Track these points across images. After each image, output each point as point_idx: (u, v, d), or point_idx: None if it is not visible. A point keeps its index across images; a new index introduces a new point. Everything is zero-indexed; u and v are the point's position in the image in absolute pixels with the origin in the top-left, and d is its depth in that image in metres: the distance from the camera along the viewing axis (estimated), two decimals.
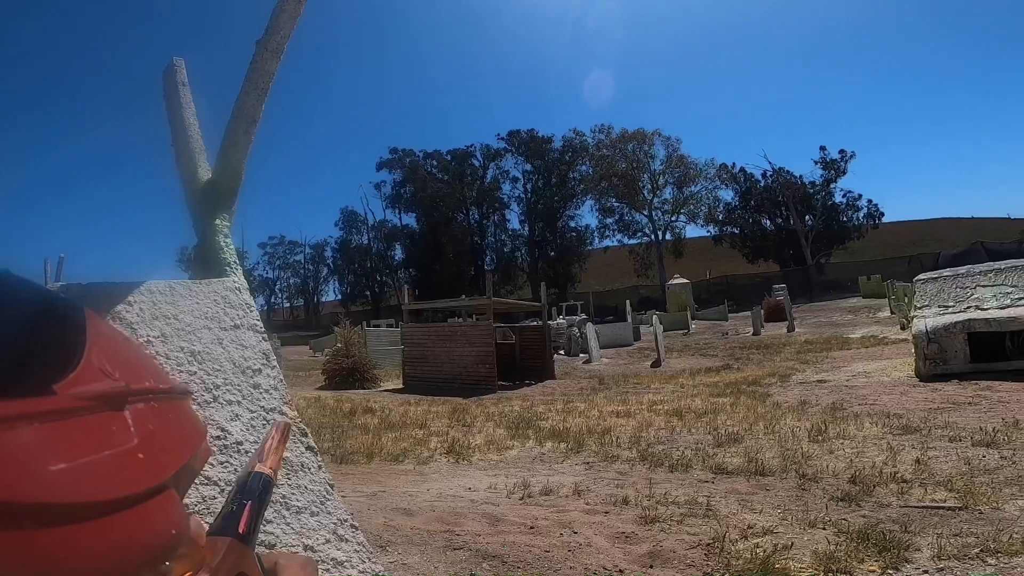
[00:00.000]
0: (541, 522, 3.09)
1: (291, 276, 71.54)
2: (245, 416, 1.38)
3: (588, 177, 54.19)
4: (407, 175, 59.65)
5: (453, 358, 13.11)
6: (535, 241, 57.82)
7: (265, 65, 1.66)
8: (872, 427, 5.25)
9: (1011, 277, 8.31)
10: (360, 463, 5.19)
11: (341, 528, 1.38)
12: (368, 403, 9.68)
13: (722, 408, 7.09)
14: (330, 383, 13.87)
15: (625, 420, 6.80)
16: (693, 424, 6.21)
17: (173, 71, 2.01)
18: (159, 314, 1.41)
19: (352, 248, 64.27)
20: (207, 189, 1.82)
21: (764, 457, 4.43)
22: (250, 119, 1.72)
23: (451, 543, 2.79)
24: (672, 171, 51.79)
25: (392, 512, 3.36)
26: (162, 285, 1.46)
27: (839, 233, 47.23)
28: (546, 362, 14.64)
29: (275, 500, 1.31)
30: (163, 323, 1.40)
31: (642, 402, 8.28)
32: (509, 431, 6.50)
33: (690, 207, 52.27)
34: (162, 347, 1.35)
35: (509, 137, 57.98)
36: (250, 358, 1.49)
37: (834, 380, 8.91)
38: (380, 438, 6.30)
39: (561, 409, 8.06)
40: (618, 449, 5.21)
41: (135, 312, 1.38)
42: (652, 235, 52.57)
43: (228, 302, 1.56)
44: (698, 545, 2.66)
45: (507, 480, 4.24)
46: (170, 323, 1.41)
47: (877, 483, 3.53)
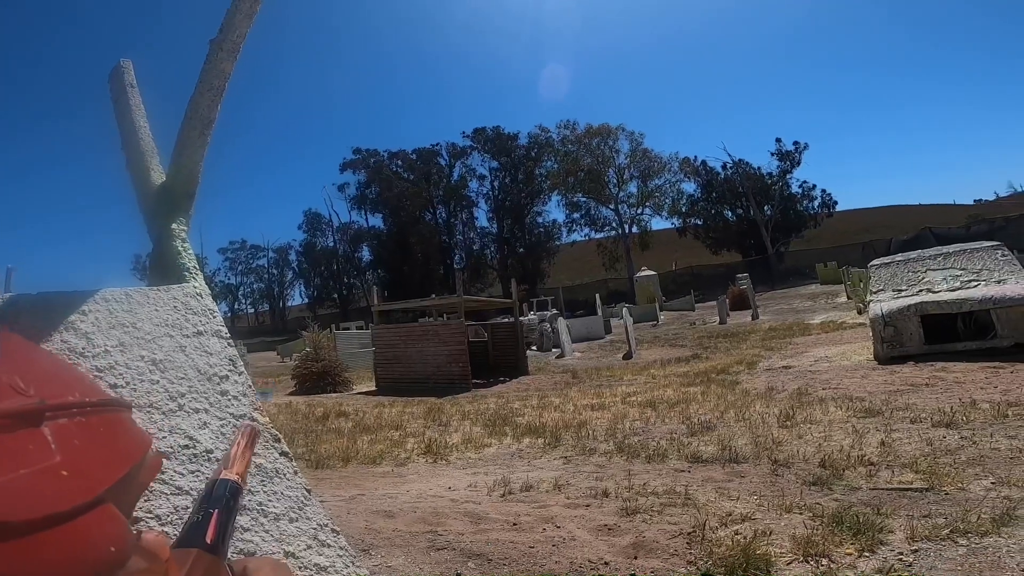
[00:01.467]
0: (523, 518, 3.08)
1: (255, 281, 69.80)
2: (214, 424, 1.34)
3: (554, 173, 54.47)
4: (372, 175, 58.84)
5: (426, 358, 13.00)
6: (504, 238, 57.84)
7: (220, 65, 1.59)
8: (837, 411, 5.41)
9: (959, 260, 8.72)
10: (336, 467, 5.09)
11: (322, 533, 1.35)
12: (341, 407, 9.51)
13: (693, 397, 7.21)
14: (300, 388, 13.59)
15: (600, 413, 6.85)
16: (666, 414, 6.30)
17: (120, 73, 1.93)
18: (116, 323, 1.36)
19: (317, 251, 63.12)
20: (161, 193, 1.75)
21: (737, 444, 4.52)
22: (205, 120, 1.64)
23: (435, 543, 2.76)
24: (636, 165, 52.53)
25: (373, 515, 3.30)
26: (118, 293, 1.41)
27: (796, 222, 48.84)
28: (519, 358, 14.66)
29: (251, 508, 1.28)
30: (121, 332, 1.35)
31: (616, 394, 8.37)
32: (486, 429, 6.47)
33: (655, 200, 53.12)
34: (121, 357, 1.30)
35: (475, 135, 57.82)
36: (216, 364, 1.44)
37: (798, 366, 9.18)
38: (355, 441, 6.19)
39: (536, 405, 8.07)
40: (595, 442, 5.24)
41: (90, 321, 1.32)
42: (619, 228, 53.25)
43: (189, 308, 1.50)
44: (679, 534, 2.69)
45: (487, 478, 4.21)
46: (128, 332, 1.36)
47: (846, 466, 3.64)
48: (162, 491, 1.17)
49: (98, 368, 1.24)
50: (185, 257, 1.68)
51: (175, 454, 1.23)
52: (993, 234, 26.77)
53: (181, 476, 1.20)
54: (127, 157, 1.91)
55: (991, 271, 8.26)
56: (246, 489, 0.98)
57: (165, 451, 1.28)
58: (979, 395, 5.25)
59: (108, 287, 1.50)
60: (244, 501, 1.31)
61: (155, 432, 1.24)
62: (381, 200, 58.04)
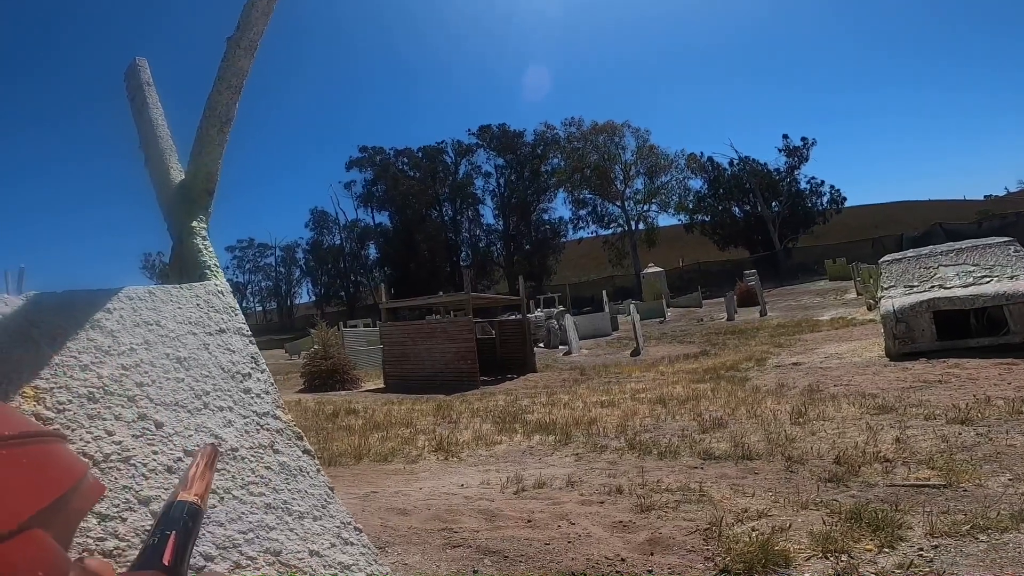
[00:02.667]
0: (538, 515, 3.08)
1: (262, 279, 70.18)
2: (238, 422, 1.35)
3: (560, 170, 54.38)
4: (378, 173, 58.94)
5: (434, 355, 13.02)
6: (510, 235, 57.82)
7: (238, 63, 1.61)
8: (849, 407, 5.37)
9: (972, 256, 8.63)
10: (348, 465, 5.10)
11: (345, 531, 1.36)
12: (350, 404, 9.54)
13: (703, 394, 7.19)
14: (309, 386, 13.64)
15: (610, 410, 6.84)
16: (677, 411, 6.28)
17: (136, 71, 1.94)
18: (141, 321, 1.35)
19: (324, 249, 63.33)
20: (181, 191, 1.76)
21: (749, 441, 4.49)
22: (224, 118, 1.66)
23: (450, 541, 2.76)
24: (643, 162, 52.33)
25: (387, 512, 3.30)
26: (142, 291, 1.41)
27: (804, 218, 48.51)
28: (527, 355, 14.65)
29: (276, 506, 1.29)
30: (145, 330, 1.34)
31: (625, 391, 8.35)
32: (496, 426, 6.48)
33: (661, 197, 52.94)
34: (146, 354, 1.30)
35: (480, 132, 57.79)
36: (238, 362, 1.45)
37: (808, 362, 9.12)
38: (366, 439, 6.20)
39: (546, 402, 8.07)
40: (606, 439, 5.23)
41: (115, 319, 1.32)
42: (625, 225, 53.10)
43: (212, 306, 1.51)
44: (696, 531, 2.68)
45: (499, 475, 4.21)
46: (153, 330, 1.36)
47: (861, 463, 3.61)
48: None
49: (124, 366, 1.25)
50: (206, 255, 1.67)
51: (207, 443, 1.24)
52: (1005, 229, 26.47)
53: (215, 466, 1.20)
54: (146, 155, 1.89)
55: (1004, 267, 8.17)
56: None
57: (192, 449, 1.29)
58: (993, 391, 5.19)
59: (130, 285, 1.50)
60: (270, 499, 1.29)
61: (181, 431, 1.24)
62: (387, 198, 58.14)
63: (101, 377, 1.22)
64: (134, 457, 1.17)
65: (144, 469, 1.17)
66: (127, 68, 1.96)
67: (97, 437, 1.15)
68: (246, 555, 1.18)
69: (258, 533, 1.23)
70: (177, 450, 1.23)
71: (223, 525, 1.21)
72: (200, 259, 1.67)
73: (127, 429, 1.19)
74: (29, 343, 1.17)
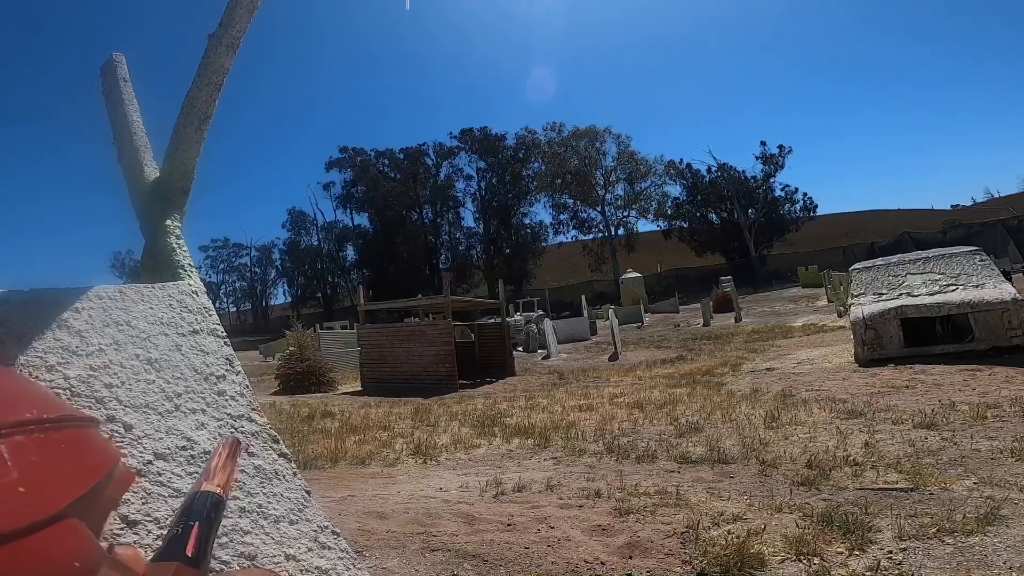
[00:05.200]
0: (517, 519, 3.07)
1: (237, 280, 68.85)
2: (212, 424, 1.33)
3: (541, 174, 54.61)
4: (358, 174, 58.44)
5: (412, 358, 12.93)
6: (490, 239, 57.81)
7: (219, 60, 1.58)
8: (820, 412, 5.48)
9: (938, 265, 8.91)
10: (325, 468, 5.02)
11: (323, 535, 1.35)
12: (327, 407, 9.41)
13: (680, 399, 7.27)
14: (284, 388, 13.41)
15: (588, 414, 6.87)
16: (654, 415, 6.34)
17: (113, 67, 1.89)
18: (110, 320, 1.32)
19: (301, 250, 62.48)
20: (155, 188, 1.72)
21: (725, 445, 4.56)
22: (203, 115, 1.63)
23: (429, 544, 2.74)
24: (623, 167, 52.89)
25: (365, 516, 3.26)
26: (111, 290, 1.38)
27: (779, 225, 49.58)
28: (506, 359, 14.65)
29: (251, 510, 1.27)
30: (115, 330, 1.31)
31: (603, 395, 8.40)
32: (475, 429, 6.45)
33: (641, 203, 53.56)
34: (116, 355, 1.27)
35: (462, 135, 57.72)
36: (212, 364, 1.42)
37: (781, 368, 9.30)
38: (343, 442, 6.12)
39: (524, 405, 8.07)
40: (584, 443, 5.25)
41: (84, 319, 1.29)
42: (605, 230, 53.58)
43: (185, 306, 1.48)
44: (673, 534, 2.70)
45: (478, 478, 4.20)
46: (123, 330, 1.32)
47: (832, 467, 3.69)
48: (160, 494, 1.15)
49: (92, 367, 1.21)
50: (180, 254, 1.64)
51: (172, 456, 1.21)
52: (969, 239, 27.42)
53: (179, 478, 1.19)
54: (119, 151, 1.84)
55: (969, 276, 8.46)
56: (228, 500, 0.97)
57: (163, 452, 1.25)
58: (958, 397, 5.36)
59: (99, 284, 1.45)
60: (244, 503, 1.27)
61: (152, 433, 1.21)
62: (367, 199, 57.67)
63: (68, 378, 1.18)
64: None
65: None
66: (104, 63, 1.92)
67: None
68: (219, 559, 1.16)
69: (232, 537, 1.20)
70: (147, 453, 1.20)
71: None
72: (174, 258, 1.63)
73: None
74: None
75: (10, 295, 1.23)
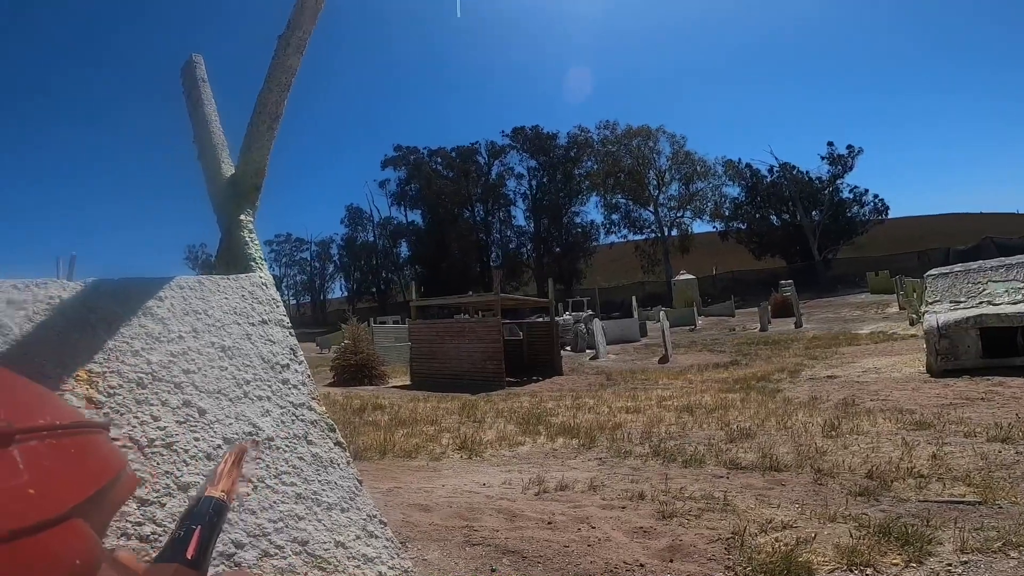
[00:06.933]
0: (558, 517, 3.10)
1: (297, 273, 71.79)
2: (275, 412, 1.39)
3: (593, 173, 54.06)
4: (412, 172, 59.76)
5: (461, 354, 13.13)
6: (541, 237, 57.81)
7: (287, 61, 1.62)
8: (885, 423, 5.22)
9: (1022, 273, 8.24)
10: (373, 459, 5.19)
11: (371, 524, 1.40)
12: (377, 400, 9.70)
13: (732, 404, 7.07)
14: (338, 380, 13.91)
15: (635, 416, 6.80)
16: (704, 420, 6.20)
17: (193, 67, 1.99)
18: (190, 309, 1.40)
19: (358, 245, 64.46)
20: (231, 185, 1.81)
21: (778, 452, 4.41)
22: (273, 115, 1.68)
23: (469, 539, 2.80)
24: (678, 167, 51.59)
25: (409, 508, 3.36)
26: (191, 280, 1.46)
27: (846, 228, 46.94)
28: (554, 358, 14.64)
29: (307, 496, 1.32)
30: (193, 319, 1.39)
31: (651, 398, 8.27)
32: (520, 427, 6.51)
33: (696, 203, 52.09)
34: (194, 342, 1.35)
35: (514, 134, 57.99)
36: (278, 353, 1.49)
37: (844, 376, 8.87)
38: (392, 434, 6.30)
39: (570, 405, 8.06)
40: (630, 444, 5.21)
41: (166, 308, 1.37)
42: (658, 231, 52.44)
43: (256, 297, 1.55)
44: (718, 539, 2.66)
45: (521, 476, 4.24)
46: (200, 319, 1.40)
47: (894, 478, 3.52)
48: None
49: (172, 353, 1.30)
50: (252, 247, 1.73)
51: (239, 440, 1.29)
52: None
53: (244, 463, 1.22)
54: (199, 149, 1.93)
55: None
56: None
57: (231, 437, 1.30)
58: None
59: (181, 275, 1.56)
60: (301, 489, 1.33)
61: (222, 418, 1.29)
62: (420, 197, 58.88)
63: (150, 363, 1.26)
64: (177, 443, 1.20)
65: (185, 455, 1.20)
66: (184, 64, 2.00)
67: (143, 422, 1.18)
68: (275, 543, 1.21)
69: (287, 523, 1.25)
70: (217, 437, 1.26)
71: (255, 513, 1.23)
72: (246, 251, 1.71)
73: (172, 415, 1.23)
74: (86, 327, 1.21)
75: (101, 283, 1.31)
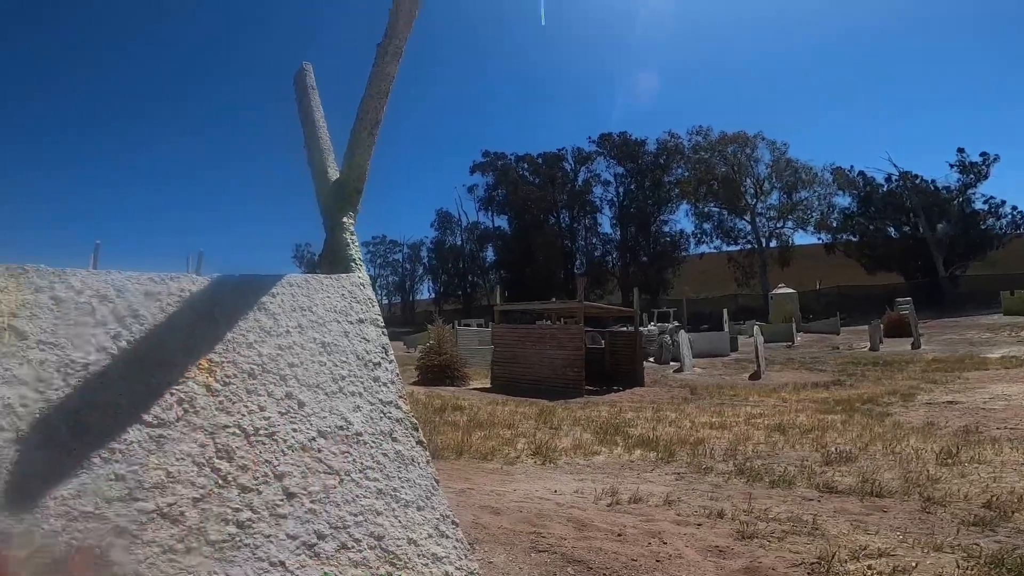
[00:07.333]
0: (629, 530, 3.05)
1: (390, 274, 75.37)
2: (365, 408, 1.48)
3: (685, 180, 52.15)
4: (499, 178, 60.90)
5: (542, 360, 13.18)
6: (627, 246, 56.70)
7: (386, 68, 1.69)
8: (1013, 452, 4.70)
9: None
10: (449, 459, 5.32)
11: (443, 524, 1.44)
12: (457, 400, 9.94)
13: (831, 425, 6.57)
14: (422, 379, 14.43)
15: (720, 432, 6.51)
16: (797, 440, 5.82)
17: (303, 75, 2.10)
18: (297, 306, 1.52)
19: (446, 249, 66.56)
20: (336, 188, 1.91)
21: (881, 478, 4.07)
22: (373, 121, 1.76)
23: (536, 545, 2.81)
24: (779, 175, 48.52)
25: (480, 510, 3.43)
26: (299, 279, 1.59)
27: (978, 243, 41.71)
28: (636, 368, 14.31)
29: (387, 492, 1.38)
30: (300, 315, 1.51)
31: (739, 415, 7.88)
32: (596, 436, 6.46)
33: (799, 213, 48.66)
34: (299, 337, 1.47)
35: (600, 140, 57.39)
36: (372, 351, 1.59)
37: (967, 402, 7.95)
38: (469, 436, 6.44)
39: (651, 417, 7.87)
40: (712, 461, 5.01)
41: (278, 303, 1.50)
42: (755, 242, 49.60)
43: (354, 297, 1.66)
44: (801, 564, 2.51)
45: (594, 485, 4.22)
46: (305, 315, 1.52)
47: (1016, 509, 3.16)
48: (316, 470, 1.31)
49: (280, 347, 1.43)
50: (352, 249, 1.85)
51: (332, 434, 1.38)
52: None
53: (333, 456, 1.35)
54: (308, 153, 2.06)
55: None
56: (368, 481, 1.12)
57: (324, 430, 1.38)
58: None
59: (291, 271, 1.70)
60: (382, 485, 1.39)
61: (318, 411, 1.39)
62: (507, 202, 59.85)
63: (261, 355, 1.37)
64: (277, 433, 1.29)
65: (284, 446, 1.29)
66: (296, 72, 2.11)
67: (251, 411, 1.28)
68: (353, 536, 1.27)
69: (367, 517, 1.31)
70: (312, 430, 1.35)
71: (339, 506, 1.29)
72: (347, 252, 1.82)
73: (275, 406, 1.32)
74: (210, 320, 1.35)
75: (224, 279, 1.46)
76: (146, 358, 1.22)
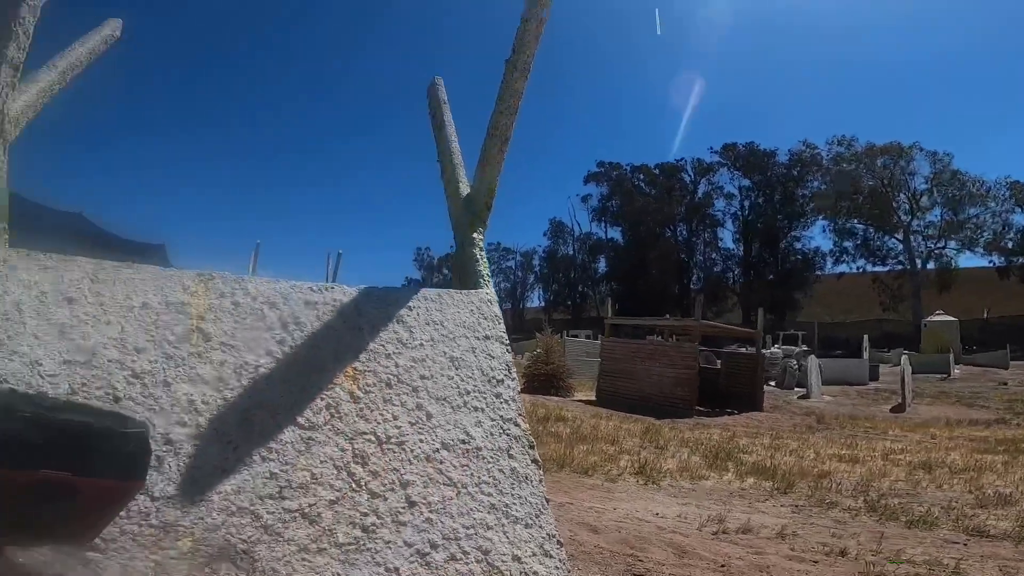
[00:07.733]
0: (734, 562, 2.94)
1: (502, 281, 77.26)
2: (486, 423, 1.54)
3: (822, 194, 47.61)
4: (614, 188, 60.10)
5: (651, 377, 12.84)
6: (751, 262, 53.19)
7: (515, 84, 1.71)
8: None
9: None
10: (551, 471, 5.28)
11: (548, 543, 1.47)
12: (561, 411, 9.90)
13: (990, 466, 5.78)
14: (527, 387, 14.58)
15: (850, 466, 5.96)
16: (946, 480, 5.19)
17: (436, 89, 2.15)
18: (430, 320, 1.62)
19: (558, 258, 66.81)
20: (467, 203, 1.96)
21: None
22: (503, 137, 1.78)
23: (632, 568, 2.75)
24: (941, 189, 42.57)
25: (577, 526, 3.41)
26: (433, 293, 1.68)
27: None
28: (755, 392, 13.44)
29: (499, 508, 1.43)
30: (432, 329, 1.60)
31: (875, 448, 7.15)
32: (705, 460, 6.20)
33: (966, 232, 42.34)
34: (431, 350, 1.56)
35: (724, 150, 54.44)
36: (496, 368, 1.64)
37: None
38: (572, 449, 6.38)
39: (768, 444, 7.39)
40: (838, 496, 4.61)
41: (413, 317, 1.60)
42: (907, 262, 43.97)
43: (482, 313, 1.72)
44: None
45: (699, 511, 4.09)
46: (437, 329, 1.61)
47: None
48: (437, 480, 1.38)
49: (414, 359, 1.52)
50: (480, 264, 1.88)
51: (454, 447, 1.44)
52: None
53: (454, 469, 1.42)
54: (441, 167, 2.11)
55: None
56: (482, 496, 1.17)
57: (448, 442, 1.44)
58: None
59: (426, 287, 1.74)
60: (495, 500, 1.43)
61: (443, 424, 1.46)
62: (621, 213, 58.84)
63: (398, 366, 1.46)
64: (406, 442, 1.36)
65: (411, 455, 1.36)
66: (428, 85, 2.15)
67: (386, 419, 1.36)
68: (462, 548, 1.32)
69: (477, 530, 1.36)
70: (436, 441, 1.41)
71: (453, 518, 1.34)
72: (476, 268, 1.84)
73: (407, 416, 1.40)
74: (356, 330, 1.45)
75: (370, 291, 1.55)
76: (303, 363, 1.31)
